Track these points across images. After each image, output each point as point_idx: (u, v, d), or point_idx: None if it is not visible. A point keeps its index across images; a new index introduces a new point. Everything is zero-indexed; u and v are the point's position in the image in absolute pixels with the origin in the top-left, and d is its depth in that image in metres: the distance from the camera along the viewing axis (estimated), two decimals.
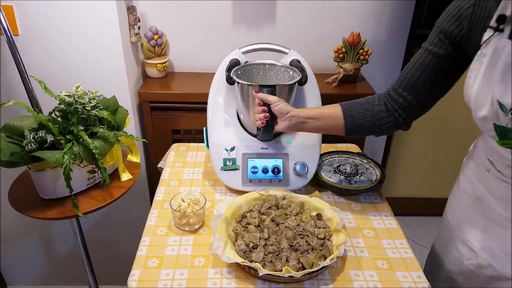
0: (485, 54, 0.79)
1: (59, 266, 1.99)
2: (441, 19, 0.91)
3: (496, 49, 0.77)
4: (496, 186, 0.90)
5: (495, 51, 0.77)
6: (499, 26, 0.77)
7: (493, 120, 0.81)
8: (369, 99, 1.04)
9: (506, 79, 0.75)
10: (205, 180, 1.27)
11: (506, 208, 0.89)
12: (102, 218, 1.83)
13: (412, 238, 2.37)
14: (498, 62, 0.77)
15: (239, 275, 0.92)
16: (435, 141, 2.26)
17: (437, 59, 0.92)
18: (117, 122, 1.25)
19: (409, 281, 0.91)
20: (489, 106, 0.79)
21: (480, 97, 0.81)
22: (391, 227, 1.09)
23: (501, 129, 0.81)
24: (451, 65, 0.92)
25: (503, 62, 0.76)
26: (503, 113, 0.77)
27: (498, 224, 0.91)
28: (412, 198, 2.49)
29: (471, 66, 0.84)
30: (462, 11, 0.85)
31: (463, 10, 0.85)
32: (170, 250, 0.99)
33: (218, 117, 1.23)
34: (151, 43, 1.72)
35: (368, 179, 1.24)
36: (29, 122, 1.16)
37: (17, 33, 1.42)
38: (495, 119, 0.80)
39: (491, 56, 0.78)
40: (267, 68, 1.24)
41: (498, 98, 0.77)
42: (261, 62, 1.23)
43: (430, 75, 0.94)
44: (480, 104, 0.81)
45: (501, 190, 0.89)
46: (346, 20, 1.83)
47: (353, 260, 0.97)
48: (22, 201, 1.20)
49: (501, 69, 0.76)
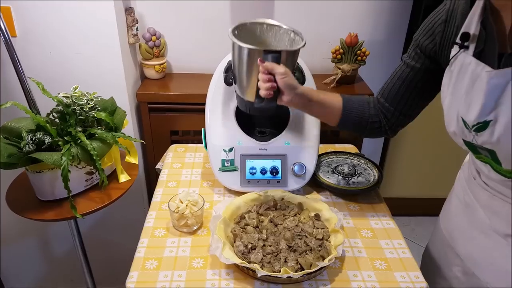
0: (453, 70, 0.81)
1: (57, 268, 1.99)
2: (418, 34, 0.93)
3: (462, 66, 0.78)
4: (481, 195, 0.91)
5: (462, 67, 0.78)
6: (464, 43, 0.78)
7: (461, 136, 0.82)
8: (366, 99, 1.04)
9: (469, 96, 0.76)
10: (204, 181, 1.27)
11: (489, 218, 0.89)
12: (100, 219, 1.83)
13: (410, 238, 2.37)
14: (464, 78, 0.78)
15: (237, 276, 0.92)
16: (433, 141, 2.26)
17: (414, 72, 0.94)
18: (115, 123, 1.25)
19: (407, 281, 0.92)
20: (455, 122, 0.81)
21: (449, 113, 0.83)
22: (389, 227, 1.09)
23: (470, 145, 0.82)
24: (430, 77, 0.94)
25: (468, 79, 0.77)
26: (467, 130, 0.78)
27: (482, 233, 0.91)
28: (410, 198, 2.50)
29: (443, 80, 0.85)
30: (435, 27, 0.87)
31: (436, 26, 0.87)
32: (168, 251, 0.99)
33: (217, 118, 1.23)
34: (149, 44, 1.72)
35: (366, 180, 1.24)
36: (27, 123, 1.16)
37: (15, 34, 1.42)
38: (462, 135, 0.81)
39: (458, 72, 0.79)
40: (265, 28, 1.11)
41: (462, 115, 0.78)
42: (260, 21, 1.11)
43: (409, 87, 0.96)
44: (449, 118, 0.83)
45: (486, 200, 0.90)
46: (343, 21, 1.84)
47: (351, 260, 0.97)
48: (20, 202, 1.20)
49: (466, 86, 0.77)
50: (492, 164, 0.82)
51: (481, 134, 0.76)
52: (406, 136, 2.26)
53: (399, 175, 2.40)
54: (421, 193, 2.48)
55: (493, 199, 0.87)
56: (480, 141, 0.77)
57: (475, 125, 0.76)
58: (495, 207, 0.87)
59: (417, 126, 2.21)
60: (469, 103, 0.76)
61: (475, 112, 0.75)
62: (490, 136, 0.74)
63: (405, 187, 2.46)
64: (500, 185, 0.85)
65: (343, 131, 1.78)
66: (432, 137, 2.25)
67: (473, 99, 0.75)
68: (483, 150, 0.79)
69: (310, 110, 1.03)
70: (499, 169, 0.81)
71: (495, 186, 0.86)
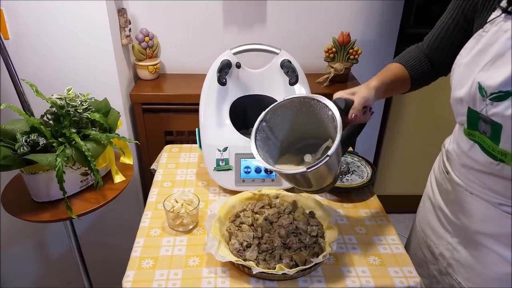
0: (484, 34, 0.76)
1: (54, 269, 1.98)
2: None
3: (498, 31, 0.73)
4: (452, 192, 0.91)
5: (496, 32, 0.73)
6: (509, 7, 0.73)
7: (468, 103, 0.79)
8: (420, 54, 1.01)
9: (496, 63, 0.72)
10: (198, 181, 1.28)
11: (458, 217, 0.90)
12: (96, 220, 1.83)
13: (405, 235, 2.38)
14: (494, 44, 0.73)
15: (233, 274, 0.92)
16: (426, 139, 2.28)
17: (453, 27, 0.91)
18: (109, 124, 1.26)
19: (400, 276, 0.93)
20: (468, 87, 0.77)
21: (463, 76, 0.79)
22: (382, 223, 1.10)
23: (473, 115, 0.79)
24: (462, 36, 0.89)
25: (499, 45, 0.72)
26: (480, 97, 0.75)
27: (450, 232, 0.93)
28: (405, 195, 2.51)
29: (467, 43, 0.81)
30: None
31: None
32: (164, 250, 0.99)
33: (211, 118, 1.23)
34: (142, 45, 1.73)
35: (360, 177, 1.25)
36: (21, 125, 1.16)
37: (7, 37, 1.42)
38: (471, 102, 0.78)
39: (490, 37, 0.74)
40: (297, 106, 0.87)
41: (480, 80, 0.74)
42: (284, 100, 0.87)
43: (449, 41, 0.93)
44: (461, 83, 0.80)
45: (456, 196, 0.90)
46: (336, 20, 1.85)
47: (345, 256, 0.99)
48: (16, 204, 1.20)
49: (495, 52, 0.73)
50: (484, 142, 0.79)
51: (496, 104, 0.72)
52: (400, 134, 2.27)
53: (393, 172, 2.42)
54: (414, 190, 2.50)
55: (465, 195, 0.87)
56: (492, 112, 0.73)
57: (495, 93, 0.72)
58: (465, 204, 0.88)
59: (411, 124, 2.23)
60: (494, 70, 0.72)
61: (499, 80, 0.71)
62: (506, 108, 0.71)
63: (398, 185, 2.48)
64: (477, 177, 0.83)
65: None
66: (426, 134, 2.27)
67: (500, 66, 0.71)
68: (486, 124, 0.76)
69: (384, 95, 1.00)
70: (492, 148, 0.78)
71: (470, 177, 0.85)
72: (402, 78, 0.98)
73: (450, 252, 0.93)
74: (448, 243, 0.94)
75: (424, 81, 1.02)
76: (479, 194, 0.85)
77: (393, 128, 2.26)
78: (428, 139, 2.28)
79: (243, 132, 1.24)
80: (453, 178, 0.91)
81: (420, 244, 1.04)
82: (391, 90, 0.98)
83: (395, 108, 2.18)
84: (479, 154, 0.82)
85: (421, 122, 2.22)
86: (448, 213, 0.93)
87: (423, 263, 1.02)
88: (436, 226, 0.98)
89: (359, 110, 0.86)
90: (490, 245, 0.85)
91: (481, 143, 0.80)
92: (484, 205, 0.84)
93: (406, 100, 2.15)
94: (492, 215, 0.83)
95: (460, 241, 0.91)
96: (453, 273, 0.93)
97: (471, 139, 0.83)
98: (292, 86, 1.22)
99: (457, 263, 0.92)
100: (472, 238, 0.87)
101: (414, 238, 1.10)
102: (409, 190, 2.49)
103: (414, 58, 1.00)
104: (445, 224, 0.95)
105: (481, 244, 0.86)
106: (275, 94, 1.27)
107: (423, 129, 2.24)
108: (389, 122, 2.24)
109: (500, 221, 0.82)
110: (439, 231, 0.97)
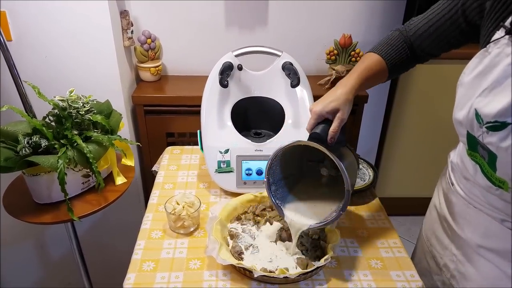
0: (487, 55, 0.72)
1: (54, 271, 1.98)
2: None
3: (500, 54, 0.69)
4: (457, 203, 0.90)
5: (498, 55, 0.69)
6: None
7: (466, 127, 0.76)
8: (401, 43, 0.97)
9: (494, 90, 0.68)
10: (200, 183, 1.28)
11: (462, 228, 0.88)
12: (97, 222, 1.83)
13: (407, 238, 2.38)
14: (495, 68, 0.69)
15: (234, 277, 0.92)
16: (428, 141, 2.28)
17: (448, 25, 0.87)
18: (111, 126, 1.26)
19: (402, 280, 0.92)
20: (467, 112, 0.74)
21: (463, 98, 0.76)
22: (384, 226, 1.10)
23: (472, 139, 0.76)
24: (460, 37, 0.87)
25: (499, 70, 0.68)
26: (477, 124, 0.72)
27: (455, 244, 0.91)
28: (407, 198, 2.51)
29: (470, 61, 0.76)
30: None
31: None
32: (165, 253, 0.99)
33: (212, 120, 1.23)
34: (144, 47, 1.73)
35: (361, 180, 1.25)
36: (23, 127, 1.16)
37: (10, 38, 1.42)
38: (469, 126, 0.75)
39: (492, 59, 0.70)
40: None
41: (477, 107, 0.71)
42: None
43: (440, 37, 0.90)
44: (460, 105, 0.77)
45: (460, 208, 0.89)
46: (337, 23, 1.85)
47: (347, 260, 0.98)
48: (17, 206, 1.20)
49: (494, 77, 0.69)
50: (483, 166, 0.77)
51: (492, 133, 0.69)
52: (402, 136, 2.27)
53: (395, 175, 2.42)
54: (416, 192, 2.50)
55: (468, 208, 0.86)
56: (487, 140, 0.70)
57: (491, 123, 0.68)
58: (469, 216, 0.86)
59: (413, 126, 2.23)
60: (492, 98, 0.68)
61: (496, 109, 0.67)
62: (501, 139, 0.67)
63: (400, 187, 2.47)
64: (481, 193, 0.81)
65: None
66: (428, 136, 2.26)
67: (499, 94, 0.67)
68: (484, 150, 0.74)
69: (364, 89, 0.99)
70: (490, 174, 0.76)
71: (473, 191, 0.84)
72: (381, 71, 0.96)
73: (454, 264, 0.92)
74: (453, 254, 0.92)
75: (402, 70, 1.00)
76: (481, 208, 0.83)
77: (395, 130, 2.26)
78: (430, 141, 2.28)
79: (245, 134, 1.24)
80: (457, 190, 0.90)
81: (425, 253, 1.03)
82: (368, 86, 0.98)
83: (396, 110, 2.18)
84: (480, 175, 0.79)
85: (423, 124, 2.22)
86: (453, 224, 0.92)
87: (427, 273, 1.01)
88: (442, 237, 0.96)
89: (336, 133, 0.88)
90: (492, 260, 0.83)
91: (481, 165, 0.78)
92: (487, 219, 0.82)
93: (408, 102, 2.15)
94: (494, 230, 0.81)
95: (464, 253, 0.89)
96: (456, 285, 0.91)
97: (473, 159, 0.80)
98: (294, 88, 1.22)
99: (461, 276, 0.90)
100: (475, 252, 0.86)
101: (419, 247, 1.09)
102: (411, 192, 2.49)
103: (394, 49, 0.96)
104: (450, 235, 0.93)
105: (484, 258, 0.84)
106: (277, 96, 1.27)
107: (425, 131, 2.24)
108: (391, 124, 2.23)
109: (503, 236, 0.79)
110: (445, 241, 0.95)
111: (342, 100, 0.89)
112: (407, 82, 2.08)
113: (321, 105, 0.90)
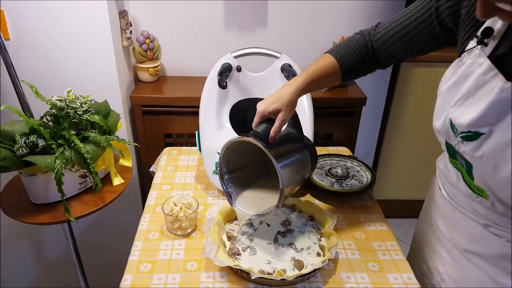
0: (461, 64, 0.73)
1: (51, 271, 1.97)
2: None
3: (473, 64, 0.69)
4: (444, 207, 0.91)
5: (471, 65, 0.70)
6: (484, 39, 0.69)
7: (444, 136, 0.77)
8: (358, 47, 0.96)
9: (468, 101, 0.69)
10: (198, 184, 1.27)
11: (451, 231, 0.89)
12: (94, 222, 1.82)
13: (404, 240, 2.38)
14: (468, 78, 0.69)
15: (231, 278, 0.92)
16: (426, 143, 2.28)
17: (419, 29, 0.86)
18: (109, 126, 1.25)
19: (399, 282, 0.92)
20: (443, 121, 0.75)
21: (440, 107, 0.77)
22: (381, 229, 1.10)
23: (450, 148, 0.77)
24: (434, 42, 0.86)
25: (472, 80, 0.68)
26: (453, 134, 0.73)
27: (444, 247, 0.92)
28: (404, 200, 2.51)
29: (447, 70, 0.77)
30: (462, 2, 0.75)
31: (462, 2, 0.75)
32: (162, 254, 0.99)
33: (210, 121, 1.23)
34: (143, 47, 1.72)
35: (359, 182, 1.25)
36: (20, 126, 1.16)
37: (8, 37, 1.42)
38: (445, 135, 0.76)
39: (466, 69, 0.71)
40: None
41: (451, 117, 0.71)
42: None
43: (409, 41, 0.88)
44: (438, 114, 0.77)
45: (448, 212, 0.89)
46: (336, 25, 1.85)
47: (344, 262, 0.98)
48: (14, 206, 1.20)
49: (467, 87, 0.69)
50: (464, 174, 0.78)
51: (466, 143, 0.70)
52: (399, 138, 2.27)
53: (392, 177, 2.42)
54: (414, 195, 2.49)
55: (454, 212, 0.87)
56: (462, 150, 0.72)
57: (464, 133, 0.69)
58: (455, 221, 0.87)
59: (410, 129, 2.23)
60: (465, 108, 0.69)
61: (468, 119, 0.68)
62: (475, 149, 0.69)
63: (398, 189, 2.47)
64: (464, 199, 0.83)
65: (336, 134, 1.79)
66: (425, 139, 2.27)
67: (471, 105, 0.68)
68: (461, 159, 0.75)
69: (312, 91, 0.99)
70: (469, 182, 0.77)
71: (458, 197, 0.85)
72: (332, 74, 0.95)
73: (444, 268, 0.93)
74: (443, 258, 0.93)
75: (359, 73, 0.99)
76: (466, 213, 0.84)
77: (393, 133, 2.26)
78: (428, 144, 2.28)
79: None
80: (444, 195, 0.91)
81: (417, 256, 1.04)
82: (318, 87, 0.98)
83: (394, 113, 2.18)
84: (461, 182, 0.81)
85: (421, 127, 2.22)
86: (442, 228, 0.93)
87: (419, 276, 1.02)
88: (432, 240, 0.97)
89: (277, 133, 0.89)
90: (478, 264, 0.83)
91: (462, 173, 0.79)
92: (472, 224, 0.83)
93: (406, 105, 2.15)
94: (479, 235, 0.82)
95: (452, 257, 0.90)
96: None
97: (455, 166, 0.82)
98: None
99: (450, 279, 0.91)
100: (463, 256, 0.87)
101: (412, 249, 1.09)
102: (408, 195, 2.49)
103: (351, 53, 0.94)
104: (440, 239, 0.94)
105: (471, 262, 0.85)
106: None
107: (422, 134, 2.24)
108: (389, 126, 2.24)
109: (487, 241, 0.80)
110: (435, 245, 0.96)
111: (285, 101, 0.90)
112: (405, 85, 2.08)
113: (264, 105, 0.91)
